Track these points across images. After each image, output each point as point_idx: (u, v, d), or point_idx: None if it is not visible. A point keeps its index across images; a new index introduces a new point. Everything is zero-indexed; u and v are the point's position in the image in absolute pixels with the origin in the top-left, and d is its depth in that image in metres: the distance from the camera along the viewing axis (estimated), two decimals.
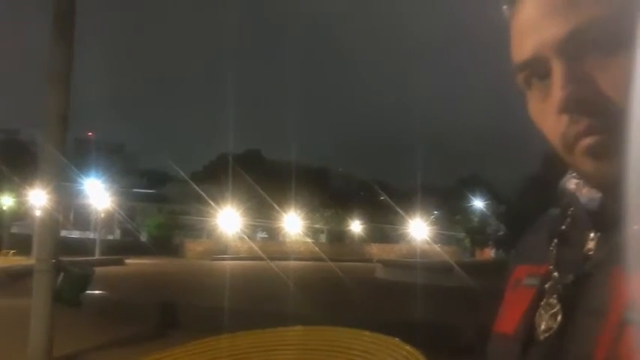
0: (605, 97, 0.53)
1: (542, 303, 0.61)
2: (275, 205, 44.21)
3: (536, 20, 0.56)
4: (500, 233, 42.06)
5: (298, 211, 51.05)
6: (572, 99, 0.53)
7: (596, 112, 0.53)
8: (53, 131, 6.92)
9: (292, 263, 33.52)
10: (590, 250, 0.61)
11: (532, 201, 32.09)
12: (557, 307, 0.59)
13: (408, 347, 3.65)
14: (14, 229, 44.56)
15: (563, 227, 0.65)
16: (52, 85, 6.88)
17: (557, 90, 0.54)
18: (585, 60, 0.54)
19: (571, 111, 0.54)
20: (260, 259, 33.07)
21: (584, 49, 0.53)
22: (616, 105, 0.52)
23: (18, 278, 16.27)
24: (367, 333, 4.09)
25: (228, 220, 47.18)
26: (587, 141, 0.54)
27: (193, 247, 48.89)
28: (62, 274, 9.61)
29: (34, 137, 43.18)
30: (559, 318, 0.58)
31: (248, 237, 48.62)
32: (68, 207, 47.17)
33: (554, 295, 0.60)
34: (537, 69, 0.57)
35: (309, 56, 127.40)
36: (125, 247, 42.13)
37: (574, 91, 0.53)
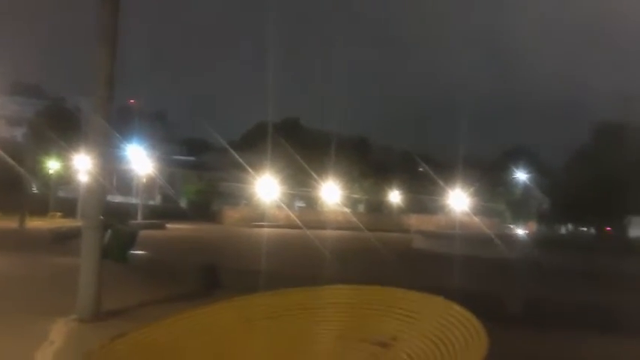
0: None
1: None
2: (313, 175, 44.30)
3: None
4: (544, 206, 41.24)
5: (336, 181, 51.02)
6: None
7: None
8: (99, 95, 6.99)
9: (330, 232, 33.66)
10: None
11: (579, 174, 31.44)
12: None
13: (456, 307, 3.53)
14: (60, 193, 45.96)
15: None
16: (99, 48, 6.93)
17: None
18: None
19: None
20: (297, 227, 33.27)
21: None
22: None
23: (65, 239, 16.83)
24: (414, 292, 3.96)
25: (266, 188, 47.54)
26: None
27: (231, 214, 49.54)
28: (109, 232, 9.86)
29: (80, 105, 44.22)
30: None
31: (286, 205, 48.93)
32: (111, 172, 48.28)
33: None
34: None
35: (349, 24, 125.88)
36: (166, 212, 43.01)
37: None
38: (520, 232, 39.60)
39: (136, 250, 11.71)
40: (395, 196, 56.80)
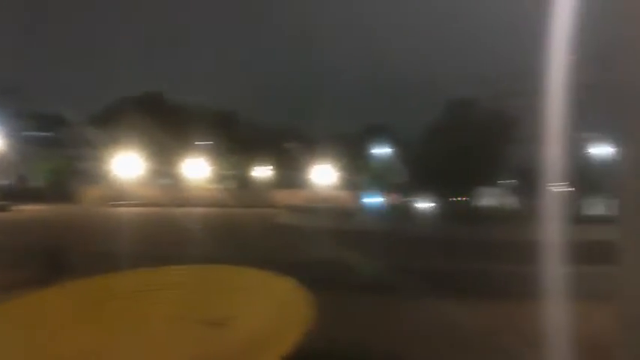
0: None
1: None
2: (178, 151, 43.04)
3: None
4: (403, 179, 43.27)
5: (203, 157, 50.12)
6: None
7: None
8: None
9: (194, 210, 33.07)
10: None
11: (433, 148, 33.49)
12: None
13: (288, 282, 3.58)
14: None
15: None
16: None
17: None
18: None
19: None
20: (161, 205, 32.35)
21: None
22: None
23: None
24: (250, 270, 3.98)
25: (129, 165, 45.58)
26: None
27: (90, 193, 46.89)
28: None
29: None
30: None
31: (149, 183, 47.30)
32: None
33: None
34: None
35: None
36: (16, 193, 39.86)
37: None
38: (423, 204, 40.35)
39: None
40: (263, 172, 56.91)
